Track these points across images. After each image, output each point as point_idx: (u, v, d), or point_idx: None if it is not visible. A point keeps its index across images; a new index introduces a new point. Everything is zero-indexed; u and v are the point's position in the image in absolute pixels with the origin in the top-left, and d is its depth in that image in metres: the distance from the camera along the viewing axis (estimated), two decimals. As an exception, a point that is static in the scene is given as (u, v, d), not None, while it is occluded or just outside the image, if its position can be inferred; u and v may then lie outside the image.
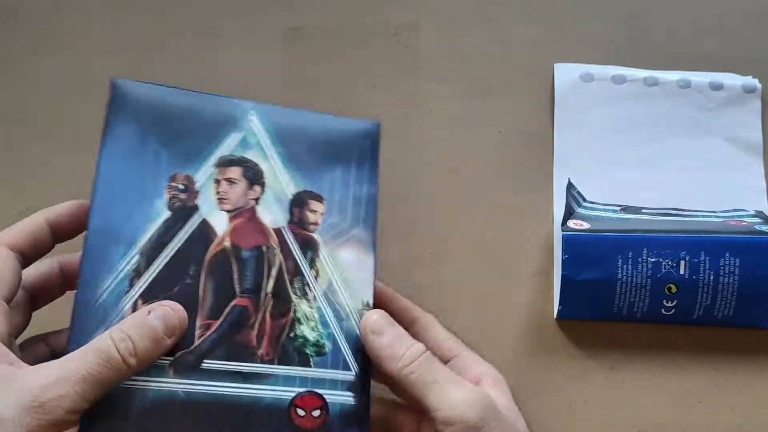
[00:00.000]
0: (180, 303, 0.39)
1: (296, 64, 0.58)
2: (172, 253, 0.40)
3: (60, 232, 0.41)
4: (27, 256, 0.39)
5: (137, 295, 0.39)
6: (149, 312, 0.37)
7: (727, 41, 0.59)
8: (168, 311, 0.38)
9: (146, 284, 0.39)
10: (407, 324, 0.44)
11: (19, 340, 0.40)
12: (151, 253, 0.39)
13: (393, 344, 0.40)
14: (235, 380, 0.39)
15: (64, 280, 0.42)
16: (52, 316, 0.42)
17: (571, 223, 0.51)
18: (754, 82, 0.57)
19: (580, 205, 0.54)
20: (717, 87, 0.57)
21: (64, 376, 0.34)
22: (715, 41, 0.59)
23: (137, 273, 0.39)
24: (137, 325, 0.37)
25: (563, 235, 0.49)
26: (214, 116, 0.43)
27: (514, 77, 0.58)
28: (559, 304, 0.51)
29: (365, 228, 0.44)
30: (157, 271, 0.39)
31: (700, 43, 0.59)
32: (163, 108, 0.42)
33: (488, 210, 0.55)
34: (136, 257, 0.39)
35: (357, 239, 0.44)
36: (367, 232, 0.44)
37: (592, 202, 0.54)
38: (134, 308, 0.38)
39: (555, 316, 0.52)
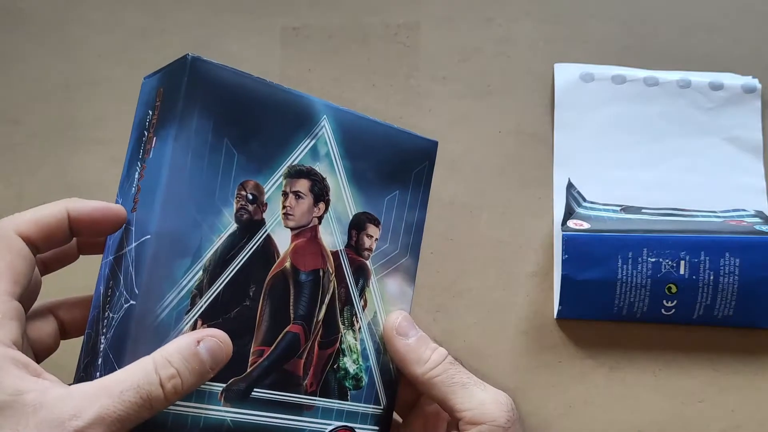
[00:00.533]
0: (237, 327, 0.36)
1: (295, 63, 0.58)
2: (234, 272, 0.37)
3: (78, 231, 0.36)
4: (38, 248, 0.36)
5: (197, 315, 0.35)
6: (198, 342, 0.34)
7: (727, 41, 0.59)
8: (217, 344, 0.34)
9: (207, 304, 0.36)
10: None
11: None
12: (214, 270, 0.36)
13: (418, 347, 0.40)
14: (280, 411, 0.38)
15: (79, 248, 0.40)
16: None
17: (571, 223, 0.51)
18: (754, 82, 0.57)
19: (580, 205, 0.54)
20: (717, 87, 0.57)
21: (101, 417, 0.31)
22: (715, 41, 0.59)
23: (199, 291, 0.35)
24: (187, 357, 0.33)
25: (563, 235, 0.49)
26: (287, 116, 0.38)
27: (514, 77, 0.58)
28: (559, 304, 0.51)
29: (412, 257, 0.42)
30: (219, 290, 0.36)
31: (700, 43, 0.59)
32: (239, 99, 0.37)
33: (488, 210, 0.55)
34: (200, 273, 0.35)
35: (403, 269, 0.42)
36: (412, 261, 0.42)
37: (592, 202, 0.54)
38: (193, 329, 0.35)
39: (555, 316, 0.52)
